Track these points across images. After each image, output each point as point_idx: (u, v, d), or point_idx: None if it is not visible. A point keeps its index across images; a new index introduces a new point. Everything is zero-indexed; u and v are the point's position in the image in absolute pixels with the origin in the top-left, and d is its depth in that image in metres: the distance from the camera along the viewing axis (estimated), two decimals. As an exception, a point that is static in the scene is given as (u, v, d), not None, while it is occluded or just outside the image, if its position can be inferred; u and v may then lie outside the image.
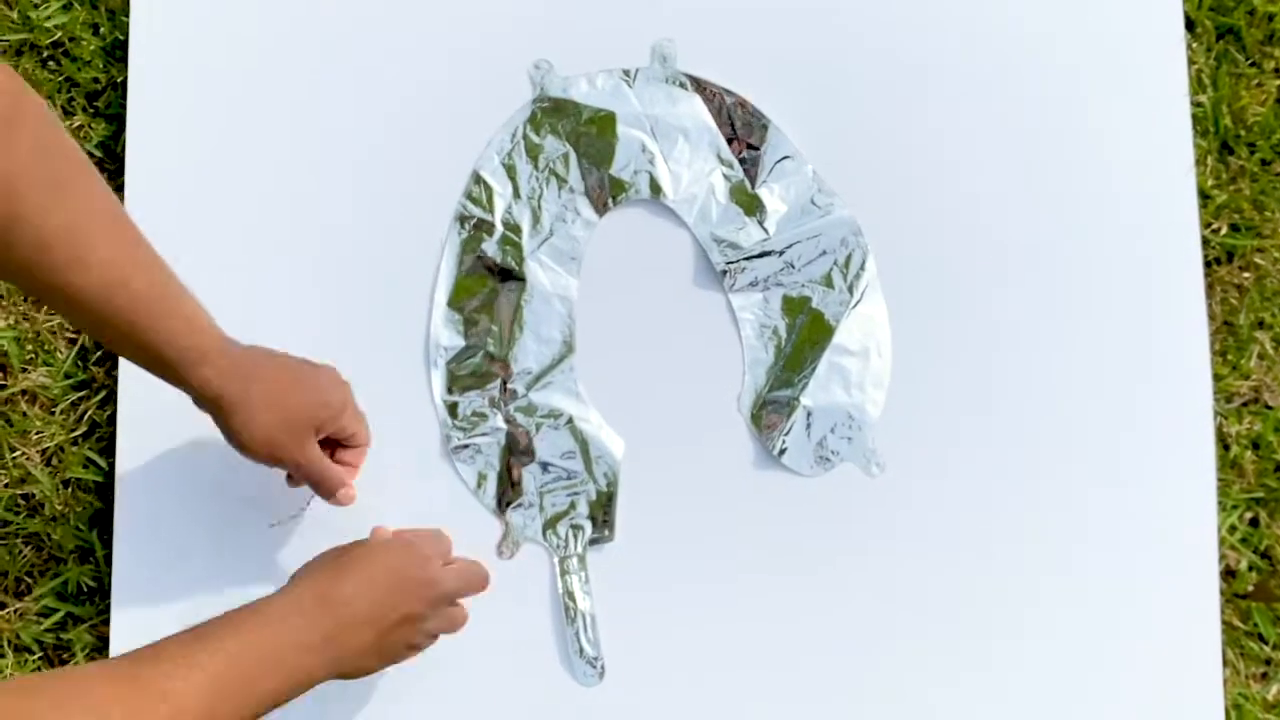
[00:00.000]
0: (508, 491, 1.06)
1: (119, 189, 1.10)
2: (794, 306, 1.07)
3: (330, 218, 1.10)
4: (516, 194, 1.09)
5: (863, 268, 1.08)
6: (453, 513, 1.05)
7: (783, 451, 1.06)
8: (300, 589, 0.84)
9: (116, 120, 1.13)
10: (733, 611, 1.05)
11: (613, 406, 1.07)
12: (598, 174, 1.09)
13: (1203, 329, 1.09)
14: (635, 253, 1.09)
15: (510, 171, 1.09)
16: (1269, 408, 1.12)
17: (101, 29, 1.16)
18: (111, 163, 1.12)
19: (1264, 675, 1.08)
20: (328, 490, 0.97)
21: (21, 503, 1.10)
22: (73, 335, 1.11)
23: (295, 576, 0.86)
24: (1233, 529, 1.09)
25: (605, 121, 1.09)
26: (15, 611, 1.09)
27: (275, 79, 1.11)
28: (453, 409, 1.06)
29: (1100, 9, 1.12)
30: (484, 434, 1.06)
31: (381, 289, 1.08)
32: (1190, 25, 1.15)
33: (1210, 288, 1.12)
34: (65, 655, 1.08)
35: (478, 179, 1.09)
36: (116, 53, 1.15)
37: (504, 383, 1.07)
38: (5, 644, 1.08)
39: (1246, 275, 1.13)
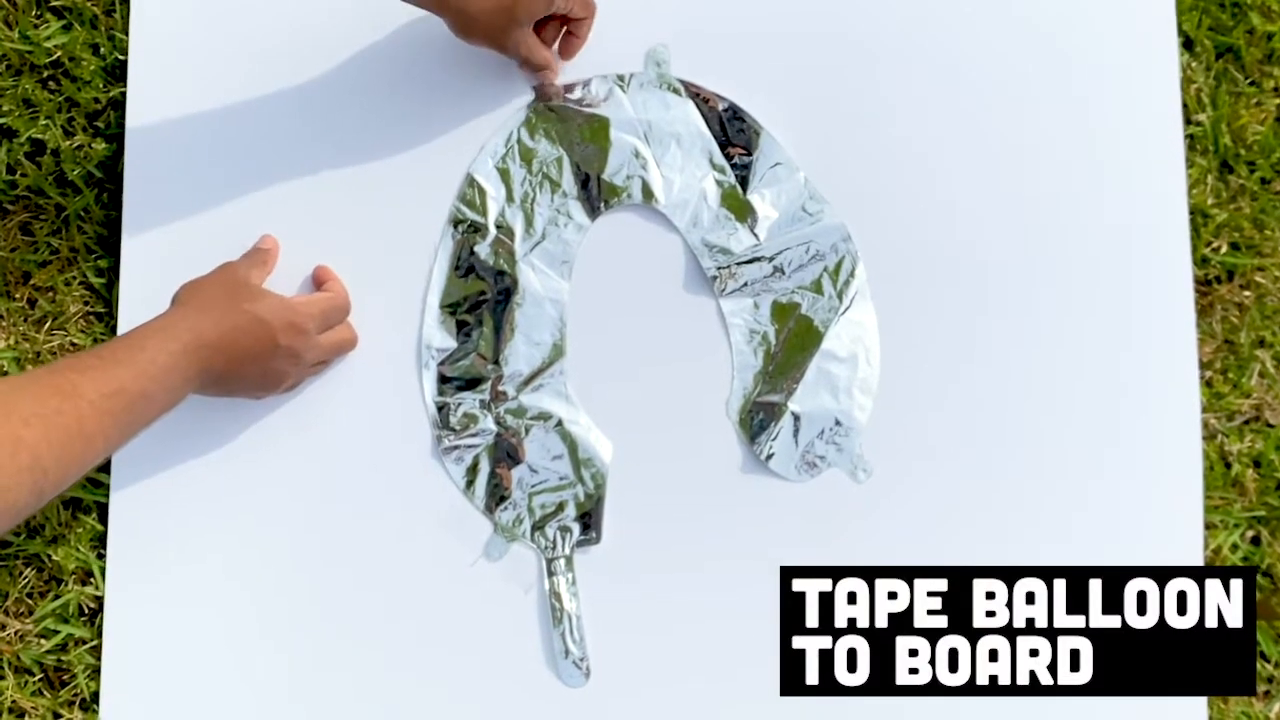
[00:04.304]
0: (497, 492, 1.09)
1: (118, 208, 1.13)
2: (784, 312, 1.11)
3: (325, 220, 1.12)
4: (510, 197, 1.12)
5: (852, 275, 1.11)
6: (442, 513, 1.09)
7: (770, 456, 1.09)
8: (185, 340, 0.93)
9: (116, 140, 1.16)
10: (718, 614, 1.07)
11: (602, 410, 1.10)
12: (590, 178, 1.12)
13: (1191, 335, 1.11)
14: (627, 257, 1.12)
15: (504, 175, 1.12)
16: (1270, 426, 1.15)
17: (102, 49, 1.19)
18: (111, 182, 1.16)
19: (1266, 694, 1.10)
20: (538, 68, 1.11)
21: (22, 524, 1.13)
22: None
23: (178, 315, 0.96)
24: (1234, 547, 1.12)
25: (599, 126, 1.13)
26: (16, 633, 1.11)
27: (270, 84, 1.14)
28: (443, 410, 1.10)
29: (1093, 26, 1.15)
30: (474, 435, 1.09)
31: (374, 290, 1.11)
32: (1189, 45, 1.18)
33: (1210, 306, 1.15)
34: (65, 677, 1.10)
35: (471, 182, 1.12)
36: (117, 73, 1.18)
37: (494, 385, 1.10)
38: (6, 665, 1.11)
39: (1247, 294, 1.16)
